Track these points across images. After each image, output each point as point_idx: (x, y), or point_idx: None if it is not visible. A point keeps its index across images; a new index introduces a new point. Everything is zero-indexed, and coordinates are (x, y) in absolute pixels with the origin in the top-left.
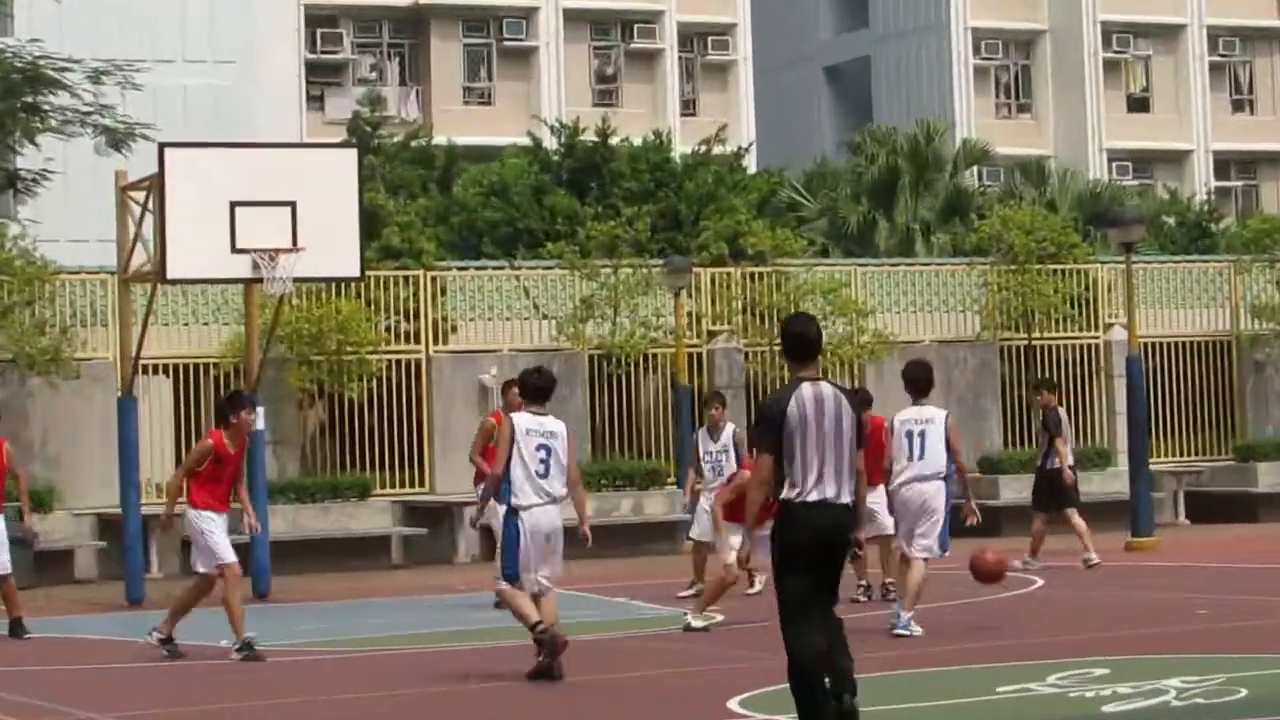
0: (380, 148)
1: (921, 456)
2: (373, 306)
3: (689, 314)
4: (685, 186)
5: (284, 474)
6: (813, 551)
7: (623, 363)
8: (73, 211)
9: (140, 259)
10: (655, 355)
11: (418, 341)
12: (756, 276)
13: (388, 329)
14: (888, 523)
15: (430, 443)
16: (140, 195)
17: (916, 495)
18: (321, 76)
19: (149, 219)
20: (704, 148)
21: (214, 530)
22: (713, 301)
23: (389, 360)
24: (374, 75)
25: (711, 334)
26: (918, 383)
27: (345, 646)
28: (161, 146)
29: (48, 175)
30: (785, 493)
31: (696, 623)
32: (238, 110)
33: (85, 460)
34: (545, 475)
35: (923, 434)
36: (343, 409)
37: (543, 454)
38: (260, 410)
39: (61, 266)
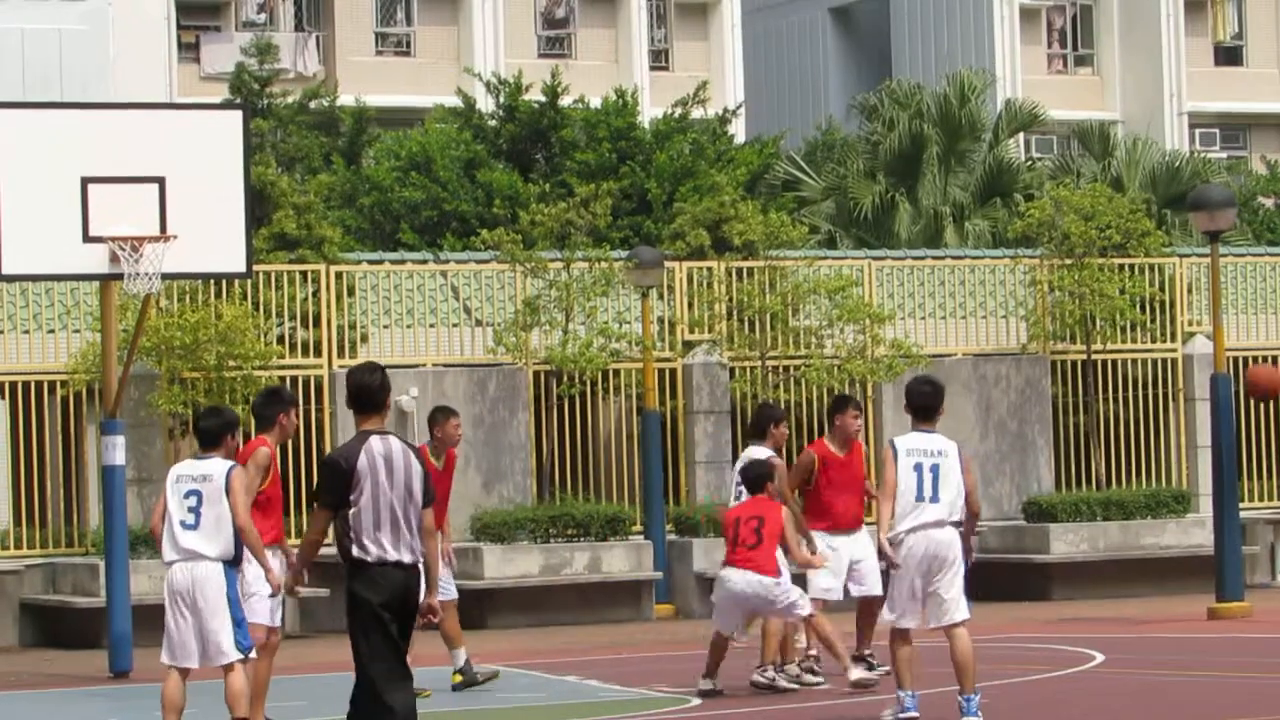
0: (271, 109)
1: (935, 498)
2: (262, 310)
3: (660, 320)
4: (656, 160)
5: (138, 520)
6: (386, 612)
7: (577, 381)
8: None
9: None
10: (618, 371)
11: (319, 354)
12: (745, 273)
13: (281, 339)
14: (875, 580)
15: None
16: None
17: (929, 544)
18: (196, 19)
19: None
20: (679, 111)
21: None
22: (690, 304)
23: (283, 377)
24: (262, 18)
25: (689, 345)
26: (926, 406)
27: None
28: None
29: None
30: (355, 552)
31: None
32: (90, 62)
33: None
34: (194, 527)
35: (935, 469)
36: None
37: (192, 501)
38: (119, 441)
39: None
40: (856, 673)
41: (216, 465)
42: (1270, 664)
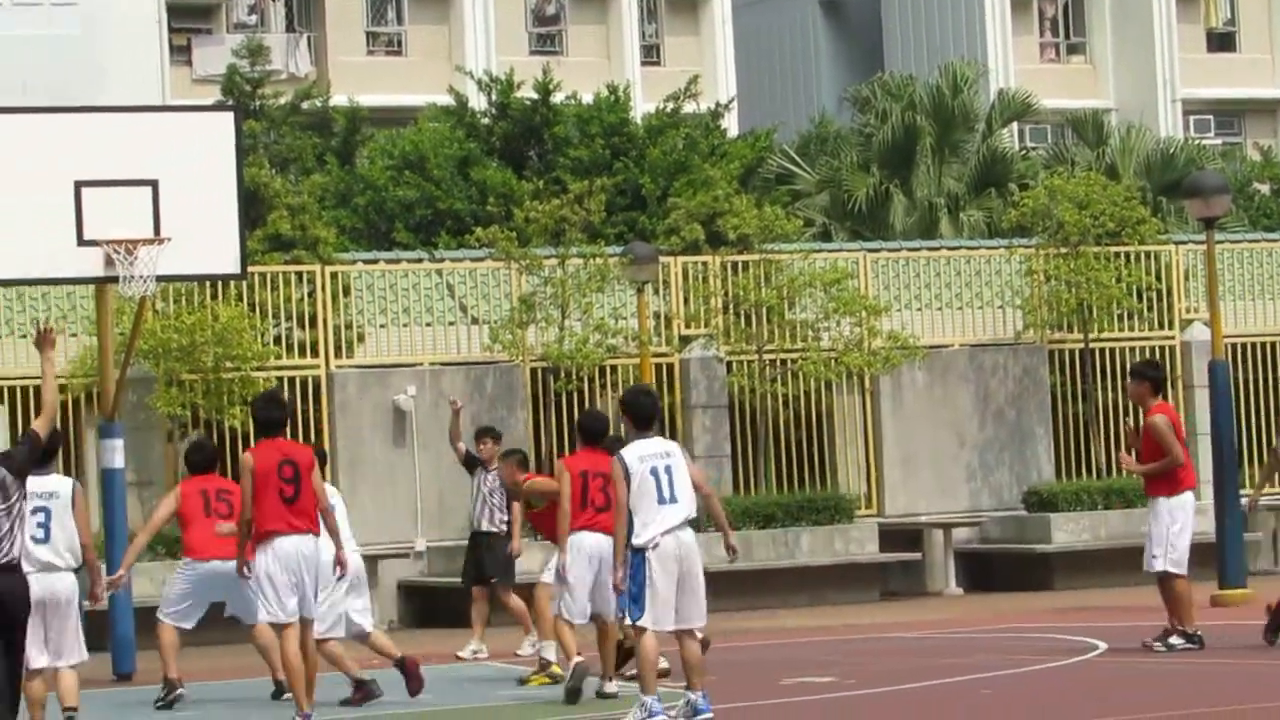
0: (264, 111)
1: (674, 499)
2: (258, 311)
3: (656, 315)
4: (649, 155)
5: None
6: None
7: (574, 377)
8: None
9: None
10: (615, 367)
11: (315, 354)
12: (740, 267)
13: (278, 339)
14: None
15: (333, 480)
16: None
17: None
18: (188, 21)
19: None
20: (672, 105)
21: None
22: (686, 299)
23: (280, 378)
24: (254, 19)
25: (685, 340)
26: (648, 416)
27: None
28: None
29: None
30: None
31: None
32: (82, 65)
33: None
34: (45, 540)
35: (669, 470)
36: (224, 440)
37: (41, 517)
38: (118, 444)
39: None
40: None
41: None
42: (1272, 651)
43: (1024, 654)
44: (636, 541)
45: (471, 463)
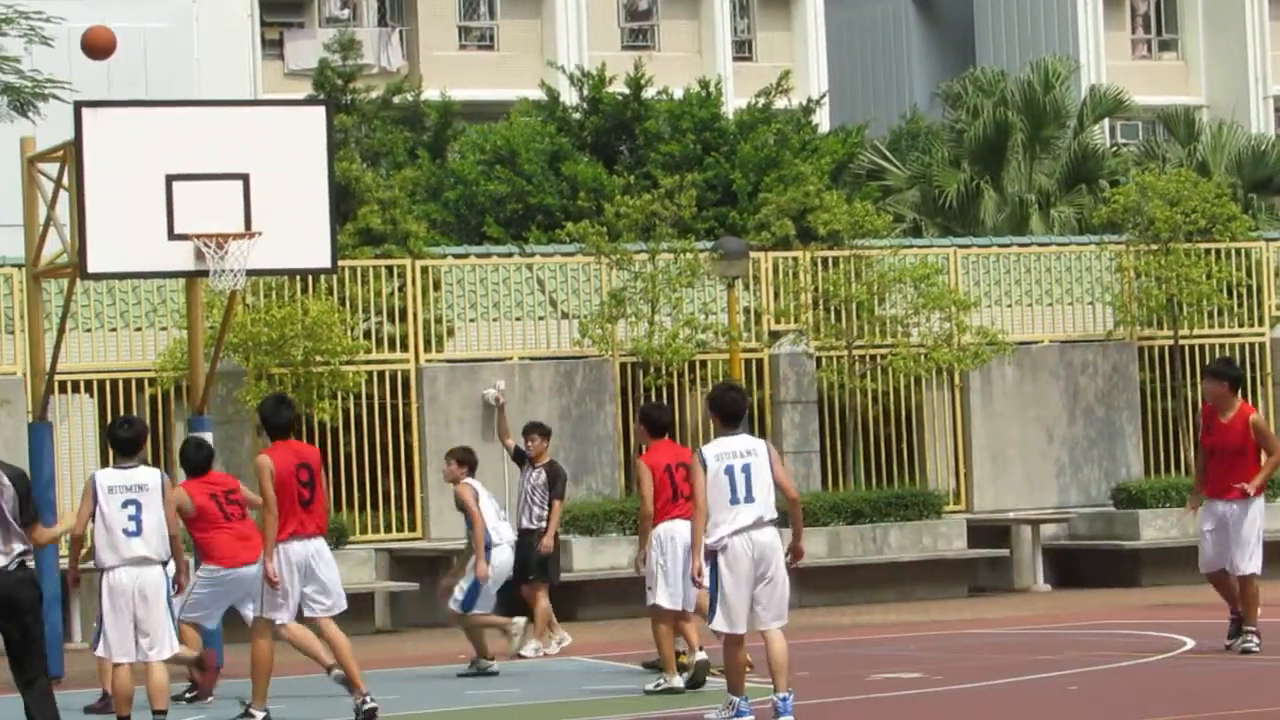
0: (355, 105)
1: (750, 498)
2: (349, 305)
3: (746, 310)
4: (740, 150)
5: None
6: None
7: (663, 372)
8: None
9: (54, 248)
10: (704, 362)
11: (405, 348)
12: (830, 262)
13: (368, 333)
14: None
15: (422, 476)
16: (53, 168)
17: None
18: (280, 15)
19: (64, 198)
20: (763, 101)
21: None
22: (776, 294)
23: (370, 372)
24: (346, 14)
25: (775, 335)
26: (734, 413)
27: None
28: (78, 106)
29: None
30: None
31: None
32: (175, 60)
33: None
34: (137, 533)
35: (746, 469)
36: (312, 434)
37: (131, 509)
38: (208, 436)
39: None
40: None
41: None
42: None
43: (1111, 650)
44: (707, 541)
45: (520, 458)
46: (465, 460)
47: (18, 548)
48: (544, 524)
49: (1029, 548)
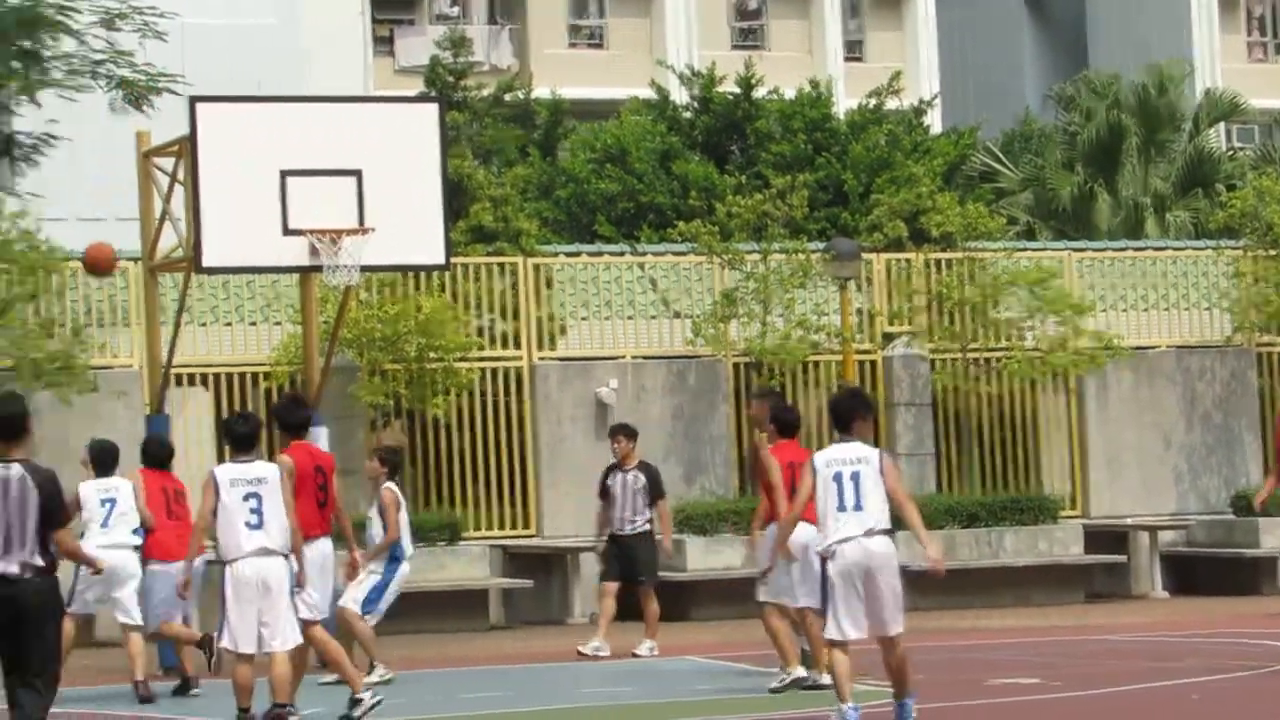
0: (466, 102)
1: (859, 506)
2: (461, 302)
3: (859, 311)
4: (851, 150)
5: (353, 511)
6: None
7: (776, 373)
8: (84, 184)
9: (170, 242)
10: (817, 364)
11: (518, 346)
12: (944, 264)
13: (481, 330)
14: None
15: (535, 473)
16: (168, 163)
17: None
18: (391, 13)
19: (179, 193)
20: (875, 101)
21: None
22: (889, 296)
23: (483, 369)
24: (456, 11)
25: (888, 336)
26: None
27: None
28: (193, 102)
29: (52, 140)
30: None
31: None
32: (288, 57)
33: None
34: (259, 526)
35: (855, 476)
36: (426, 430)
37: (253, 503)
38: (321, 432)
39: (72, 252)
40: None
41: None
42: None
43: (1234, 659)
44: (817, 549)
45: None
46: (389, 460)
47: (34, 556)
48: (649, 527)
49: (1146, 554)
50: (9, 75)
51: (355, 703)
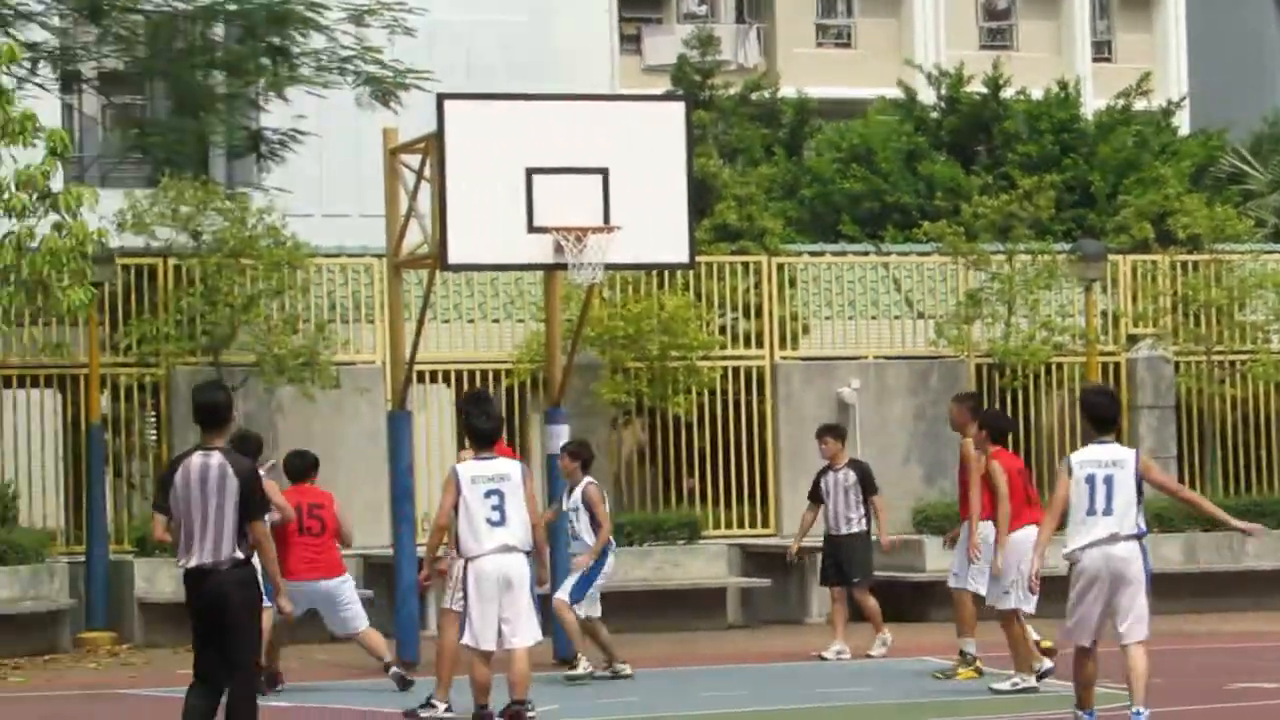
0: (713, 101)
1: (1109, 510)
2: (705, 301)
3: (1104, 313)
4: (1099, 152)
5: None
6: (198, 616)
7: (1019, 374)
8: (330, 181)
9: (415, 239)
10: (1060, 365)
11: (760, 345)
12: (1190, 266)
13: (723, 329)
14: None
15: (776, 472)
16: (414, 160)
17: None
18: (638, 11)
19: (425, 189)
20: (1123, 102)
21: None
22: (1134, 298)
23: (724, 368)
24: (703, 9)
25: (1133, 339)
26: (1104, 417)
27: None
28: (441, 98)
29: (299, 136)
30: (178, 561)
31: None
32: (535, 54)
33: (346, 489)
34: (501, 523)
35: (1109, 480)
36: (666, 428)
37: (495, 499)
38: (563, 430)
39: (317, 248)
40: None
41: None
42: None
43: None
44: (1063, 554)
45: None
46: (580, 455)
47: (232, 547)
48: (864, 526)
49: None
50: (259, 72)
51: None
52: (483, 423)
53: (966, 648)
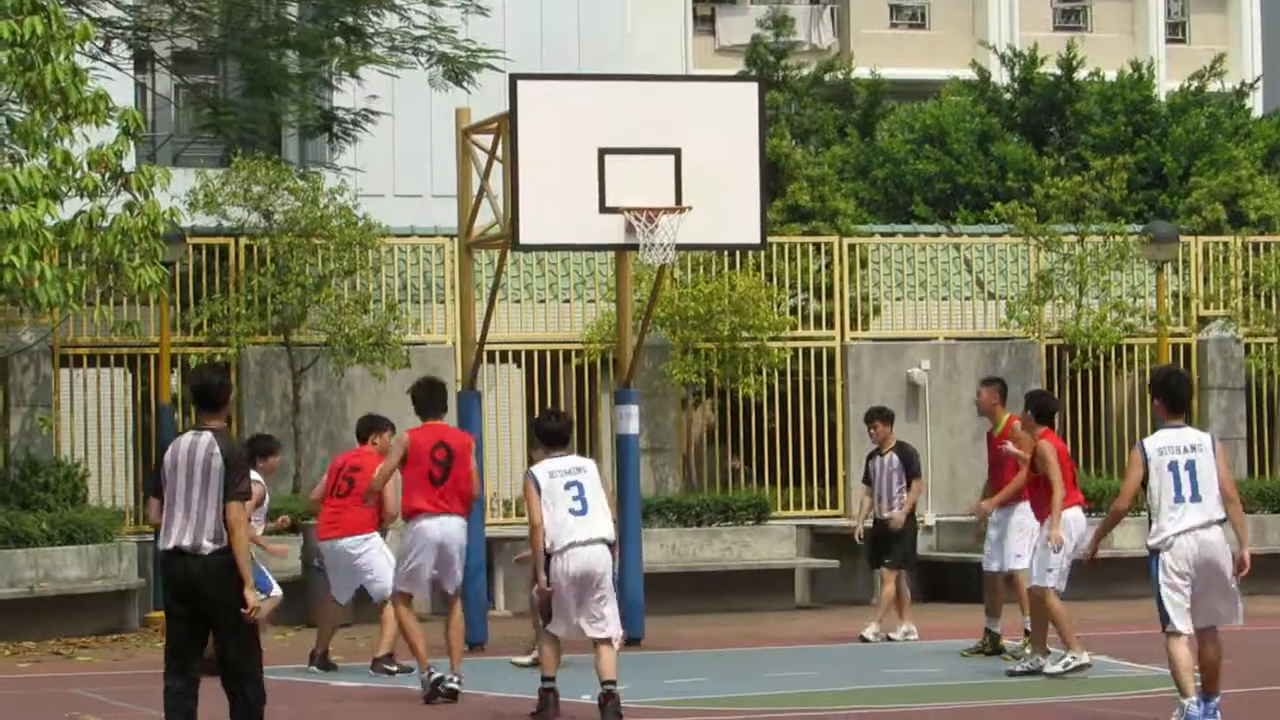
0: (786, 82)
1: (1196, 498)
2: (776, 281)
3: (1174, 295)
4: (1172, 133)
5: (662, 489)
6: (174, 600)
7: (1090, 355)
8: (402, 161)
9: (486, 219)
10: (1131, 346)
11: (831, 326)
12: (1262, 248)
13: (794, 310)
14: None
15: (845, 453)
16: (487, 140)
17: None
18: None
19: (497, 170)
20: (1196, 84)
21: None
22: (1205, 279)
23: (795, 349)
24: None
25: (1203, 320)
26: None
27: (731, 705)
28: (514, 79)
29: (371, 116)
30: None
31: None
32: (607, 35)
33: None
34: (583, 513)
35: (1190, 465)
36: (736, 409)
37: (575, 490)
38: (633, 410)
39: (389, 228)
40: None
41: None
42: None
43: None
44: (1150, 542)
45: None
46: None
47: (211, 533)
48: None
49: None
50: (332, 51)
51: (442, 685)
52: (551, 423)
53: (993, 627)
